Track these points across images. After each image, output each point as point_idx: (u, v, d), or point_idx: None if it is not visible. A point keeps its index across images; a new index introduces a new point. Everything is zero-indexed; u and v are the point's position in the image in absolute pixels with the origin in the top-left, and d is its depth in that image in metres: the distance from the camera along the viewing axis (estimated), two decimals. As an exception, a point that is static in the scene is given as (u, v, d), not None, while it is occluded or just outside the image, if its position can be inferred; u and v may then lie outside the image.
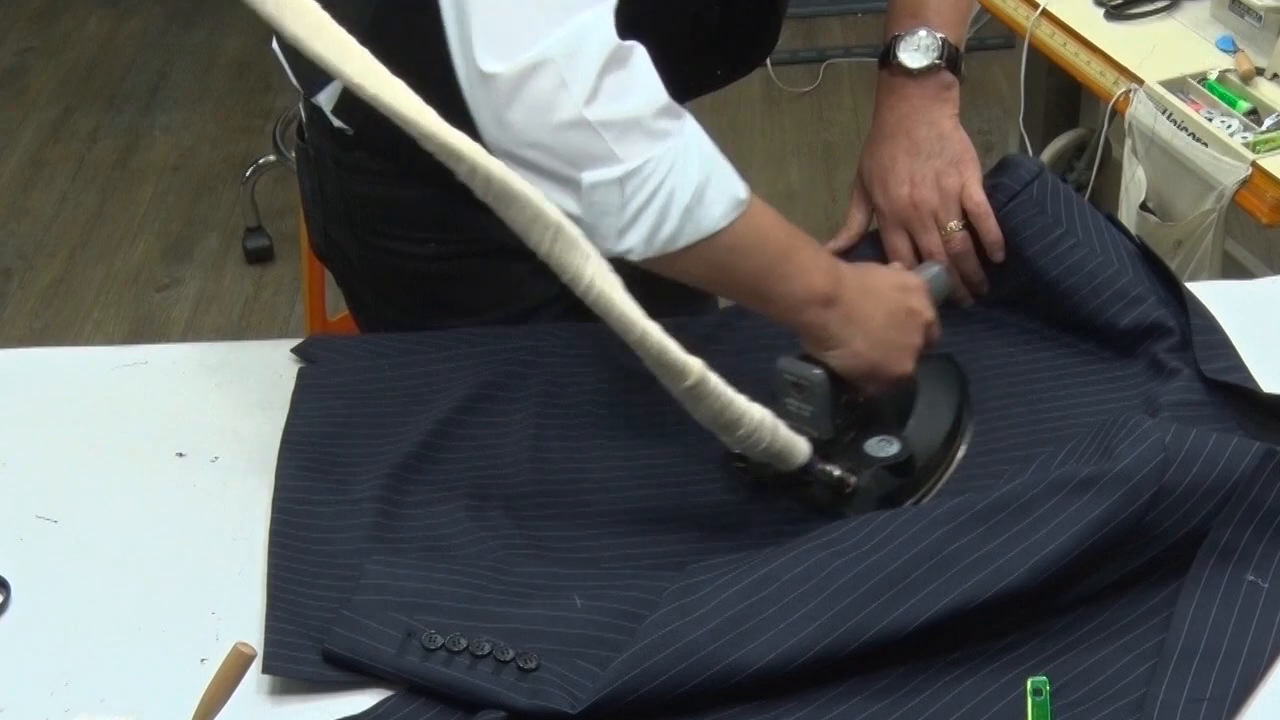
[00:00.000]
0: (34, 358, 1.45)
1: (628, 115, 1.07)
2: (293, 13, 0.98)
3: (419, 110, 0.99)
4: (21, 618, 1.15)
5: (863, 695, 1.05)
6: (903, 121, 1.39)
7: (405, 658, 1.07)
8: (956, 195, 1.36)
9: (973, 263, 1.38)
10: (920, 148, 1.38)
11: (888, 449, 1.22)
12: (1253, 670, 1.05)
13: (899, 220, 1.39)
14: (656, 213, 1.09)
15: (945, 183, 1.36)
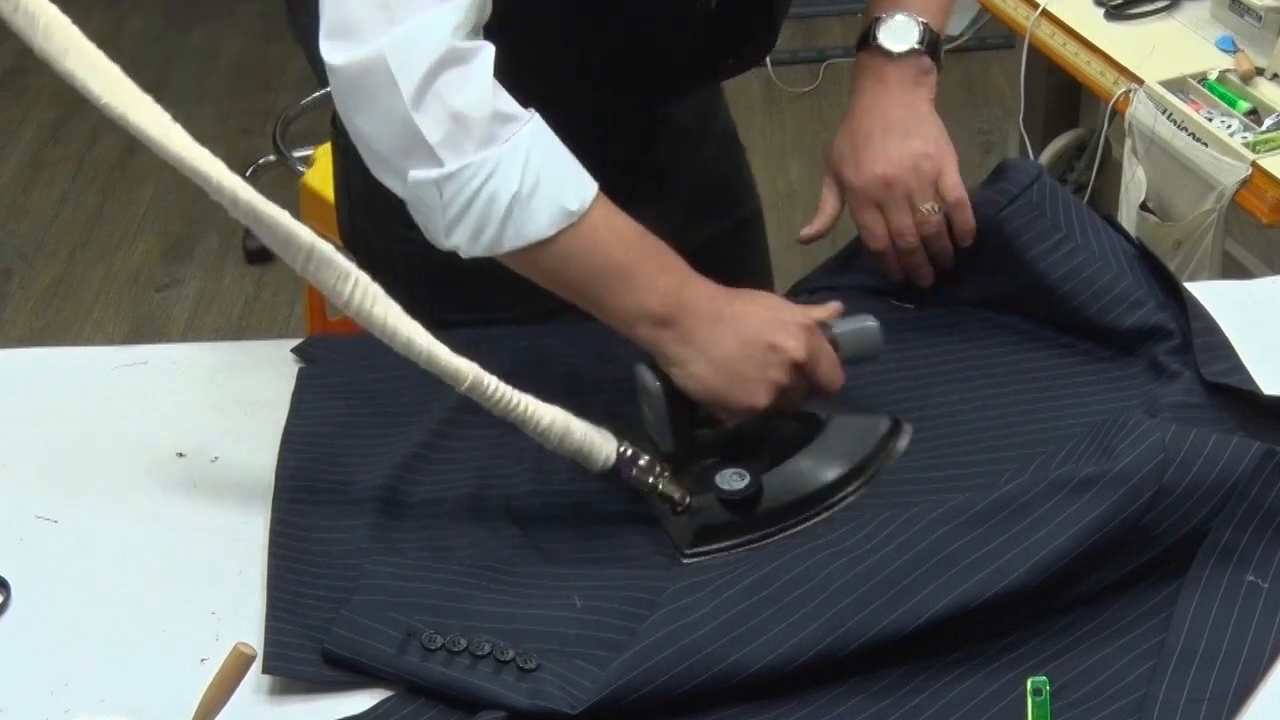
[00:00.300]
0: (34, 358, 1.45)
1: (454, 116, 1.09)
2: (43, 30, 1.00)
3: (165, 131, 1.02)
4: (21, 618, 1.15)
5: (863, 695, 1.05)
6: (879, 101, 1.38)
7: (405, 658, 1.07)
8: (933, 178, 1.35)
9: (944, 243, 1.38)
10: (895, 128, 1.37)
11: (735, 483, 1.20)
12: (1253, 670, 1.05)
13: (871, 197, 1.37)
14: (476, 216, 1.11)
15: (922, 165, 1.35)
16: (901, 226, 1.36)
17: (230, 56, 4.08)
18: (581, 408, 1.19)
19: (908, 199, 1.35)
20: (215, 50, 4.14)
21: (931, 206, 1.35)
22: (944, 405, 1.32)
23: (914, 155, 1.35)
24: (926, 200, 1.35)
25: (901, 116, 1.37)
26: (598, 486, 1.24)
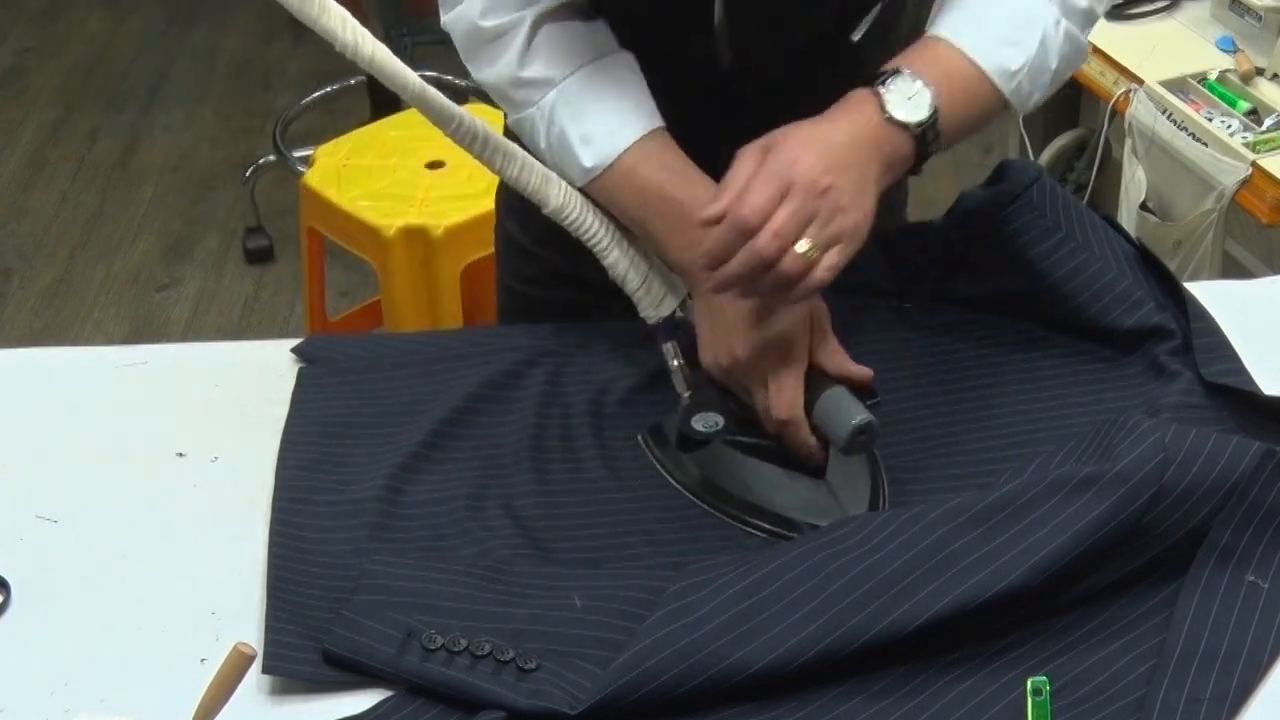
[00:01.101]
0: (34, 358, 1.45)
1: (488, 86, 1.30)
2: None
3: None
4: (21, 618, 1.15)
5: (863, 695, 1.05)
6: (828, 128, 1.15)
7: (405, 658, 1.07)
8: (822, 203, 1.12)
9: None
10: (812, 184, 1.11)
11: (703, 425, 1.22)
12: (1253, 671, 1.05)
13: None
14: (546, 161, 1.27)
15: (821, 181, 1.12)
16: (783, 226, 1.11)
17: (230, 56, 4.08)
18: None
19: (807, 210, 1.11)
20: (215, 50, 4.14)
21: (811, 251, 1.11)
22: (944, 405, 1.32)
23: (846, 194, 1.13)
24: (817, 241, 1.11)
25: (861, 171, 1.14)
26: (598, 486, 1.25)
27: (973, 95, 1.20)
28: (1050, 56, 1.21)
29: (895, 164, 1.16)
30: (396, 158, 2.65)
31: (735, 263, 1.11)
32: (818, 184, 1.10)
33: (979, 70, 1.19)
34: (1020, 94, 1.21)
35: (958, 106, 1.18)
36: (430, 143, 2.61)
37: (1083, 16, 1.24)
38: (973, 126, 1.22)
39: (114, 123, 3.77)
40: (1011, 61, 1.20)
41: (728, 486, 1.24)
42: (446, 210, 2.47)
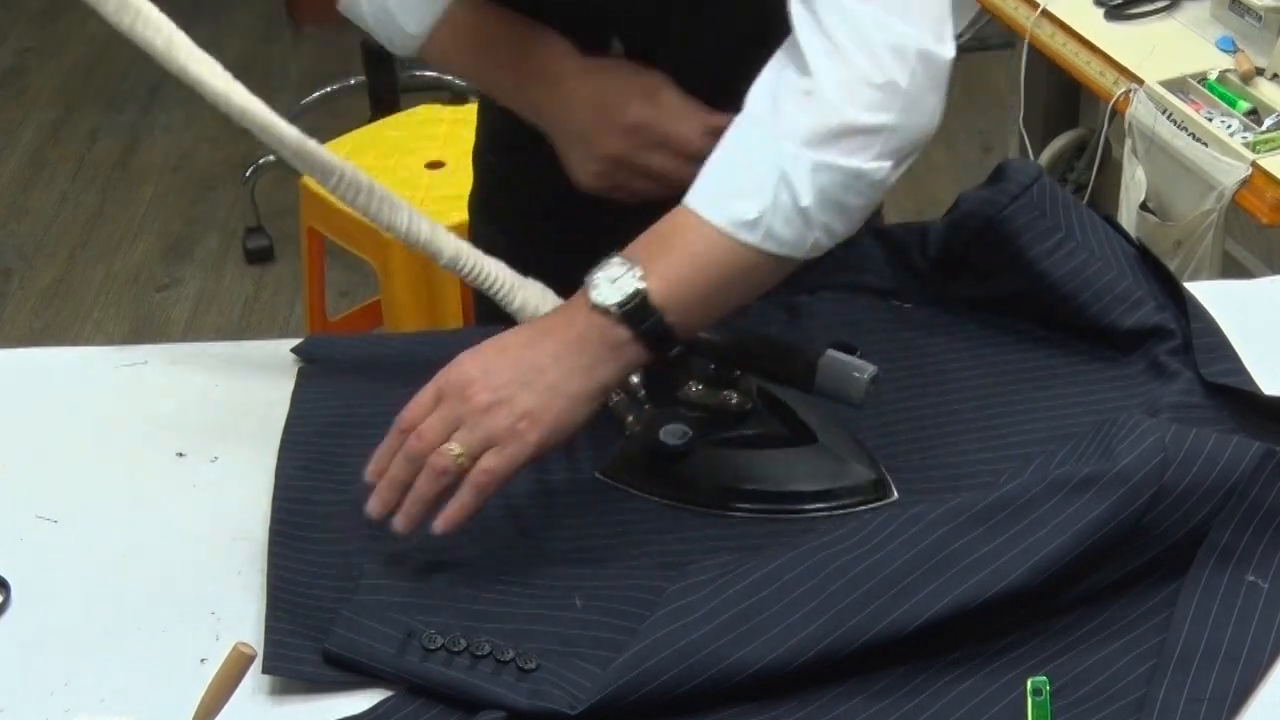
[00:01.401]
0: (34, 358, 1.45)
1: None
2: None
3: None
4: (21, 618, 1.15)
5: (863, 695, 1.05)
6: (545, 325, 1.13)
7: (405, 658, 1.07)
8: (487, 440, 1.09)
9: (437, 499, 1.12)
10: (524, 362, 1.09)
11: (673, 437, 1.22)
12: (1253, 671, 1.05)
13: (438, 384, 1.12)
14: None
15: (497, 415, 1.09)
16: (428, 427, 1.10)
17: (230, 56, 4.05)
18: None
19: (453, 413, 1.10)
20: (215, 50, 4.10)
21: (460, 455, 1.09)
22: (944, 405, 1.32)
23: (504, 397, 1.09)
24: (464, 443, 1.09)
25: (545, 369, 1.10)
26: (598, 485, 1.25)
27: (715, 258, 1.11)
28: (800, 194, 1.08)
29: (609, 352, 1.10)
30: (396, 158, 2.65)
31: (394, 466, 1.11)
32: (466, 389, 1.09)
33: (713, 229, 1.10)
34: (780, 241, 1.10)
35: (698, 275, 1.10)
36: (430, 143, 2.61)
37: (830, 137, 1.08)
38: (737, 288, 1.13)
39: (114, 123, 3.77)
40: (745, 212, 1.09)
41: (725, 483, 1.23)
42: (446, 210, 2.46)
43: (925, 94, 1.11)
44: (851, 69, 1.08)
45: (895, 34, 1.08)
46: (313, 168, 1.14)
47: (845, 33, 1.08)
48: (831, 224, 1.11)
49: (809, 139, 1.08)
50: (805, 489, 1.22)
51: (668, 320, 1.10)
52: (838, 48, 1.08)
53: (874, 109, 1.08)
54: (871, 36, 1.08)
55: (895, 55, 1.08)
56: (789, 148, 1.08)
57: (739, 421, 1.25)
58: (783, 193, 1.09)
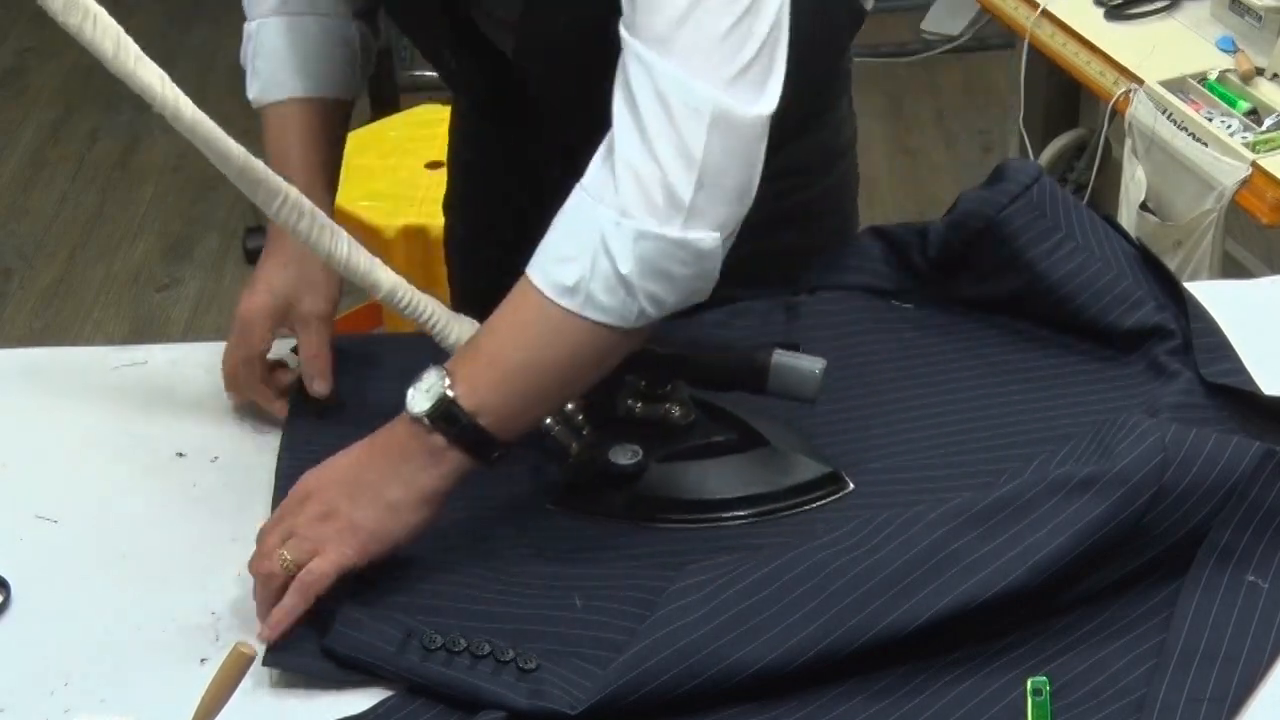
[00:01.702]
0: (34, 358, 1.45)
1: None
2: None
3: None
4: (21, 618, 1.15)
5: (863, 695, 1.05)
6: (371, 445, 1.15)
7: (405, 656, 1.07)
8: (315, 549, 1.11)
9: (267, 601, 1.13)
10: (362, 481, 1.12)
11: (624, 458, 1.21)
12: (1253, 670, 1.05)
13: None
14: None
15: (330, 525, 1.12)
16: (266, 541, 1.13)
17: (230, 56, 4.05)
18: None
19: (287, 527, 1.12)
20: (215, 50, 4.14)
21: (287, 562, 1.10)
22: (943, 405, 1.32)
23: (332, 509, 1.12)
24: (290, 549, 1.11)
25: (372, 480, 1.12)
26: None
27: (538, 333, 1.11)
28: (620, 260, 1.07)
29: (429, 459, 1.11)
30: (396, 158, 2.65)
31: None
32: (301, 505, 1.13)
33: (538, 295, 1.10)
34: (602, 308, 1.09)
35: (511, 373, 1.11)
36: (430, 143, 2.61)
37: (646, 207, 1.07)
38: (562, 368, 1.13)
39: (114, 123, 3.77)
40: (565, 277, 1.09)
41: (685, 496, 1.22)
42: (447, 210, 2.47)
43: (728, 160, 1.07)
44: (654, 137, 1.06)
45: (694, 97, 1.05)
46: (255, 189, 1.12)
47: (646, 97, 1.06)
48: (657, 293, 1.09)
49: (628, 207, 1.07)
50: (764, 491, 1.21)
51: (481, 423, 1.10)
52: (640, 114, 1.07)
53: (680, 180, 1.06)
54: (670, 101, 1.06)
55: (694, 121, 1.06)
56: (609, 214, 1.07)
57: (685, 433, 1.24)
58: (602, 259, 1.08)
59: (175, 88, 1.07)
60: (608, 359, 1.14)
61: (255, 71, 1.37)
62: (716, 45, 1.06)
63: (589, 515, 1.22)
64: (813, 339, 1.36)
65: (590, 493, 1.23)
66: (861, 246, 1.46)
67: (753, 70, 1.07)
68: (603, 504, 1.23)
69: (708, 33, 1.05)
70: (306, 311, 1.33)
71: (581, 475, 1.23)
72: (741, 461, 1.23)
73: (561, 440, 1.24)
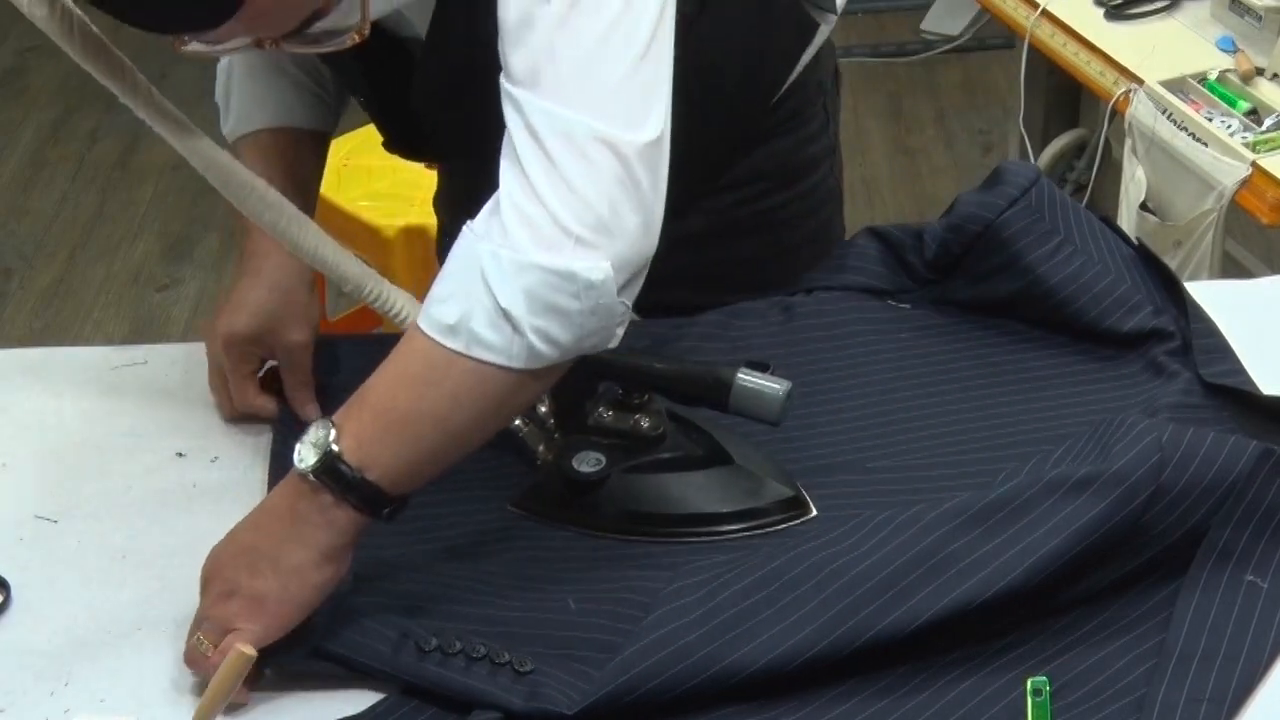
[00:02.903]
0: (34, 358, 1.45)
1: None
2: None
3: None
4: (21, 618, 1.15)
5: (862, 695, 1.05)
6: (271, 505, 1.10)
7: (400, 657, 1.07)
8: (224, 627, 1.07)
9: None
10: (260, 547, 1.08)
11: (587, 465, 1.20)
12: (1252, 670, 1.05)
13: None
14: None
15: (234, 603, 1.07)
16: (190, 627, 1.09)
17: (230, 57, 4.08)
18: None
19: (200, 610, 1.09)
20: (215, 50, 4.14)
21: (204, 645, 1.07)
22: (940, 406, 1.32)
23: (233, 586, 1.07)
24: (203, 632, 1.07)
25: (271, 547, 1.07)
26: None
27: (427, 379, 1.06)
28: (499, 294, 1.02)
29: (323, 518, 1.06)
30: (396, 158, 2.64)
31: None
32: (207, 586, 1.09)
33: (424, 339, 1.06)
34: (487, 345, 1.04)
35: (397, 423, 1.06)
36: (430, 143, 2.60)
37: (529, 239, 1.03)
38: (457, 417, 1.07)
39: (114, 123, 3.77)
40: (447, 315, 1.04)
41: (641, 509, 1.21)
42: (446, 210, 2.47)
43: (614, 188, 1.03)
44: (534, 172, 1.03)
45: (568, 125, 1.03)
46: (225, 182, 1.11)
47: (521, 134, 1.04)
48: (548, 330, 1.04)
49: (511, 240, 1.03)
50: (722, 510, 1.21)
51: (370, 478, 1.05)
52: (517, 152, 1.04)
53: (563, 210, 1.03)
54: (542, 133, 1.03)
55: (570, 149, 1.03)
56: (488, 248, 1.03)
57: (652, 446, 1.23)
58: (482, 293, 1.03)
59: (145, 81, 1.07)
60: (505, 404, 1.08)
61: (229, 107, 1.41)
62: (584, 72, 1.03)
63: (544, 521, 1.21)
64: (810, 339, 1.37)
65: (549, 498, 1.22)
66: (859, 247, 1.46)
67: (626, 94, 1.04)
68: (560, 511, 1.22)
69: (573, 61, 1.03)
70: (291, 342, 1.30)
71: (545, 479, 1.23)
72: (700, 479, 1.22)
73: (530, 443, 1.24)
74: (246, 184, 1.11)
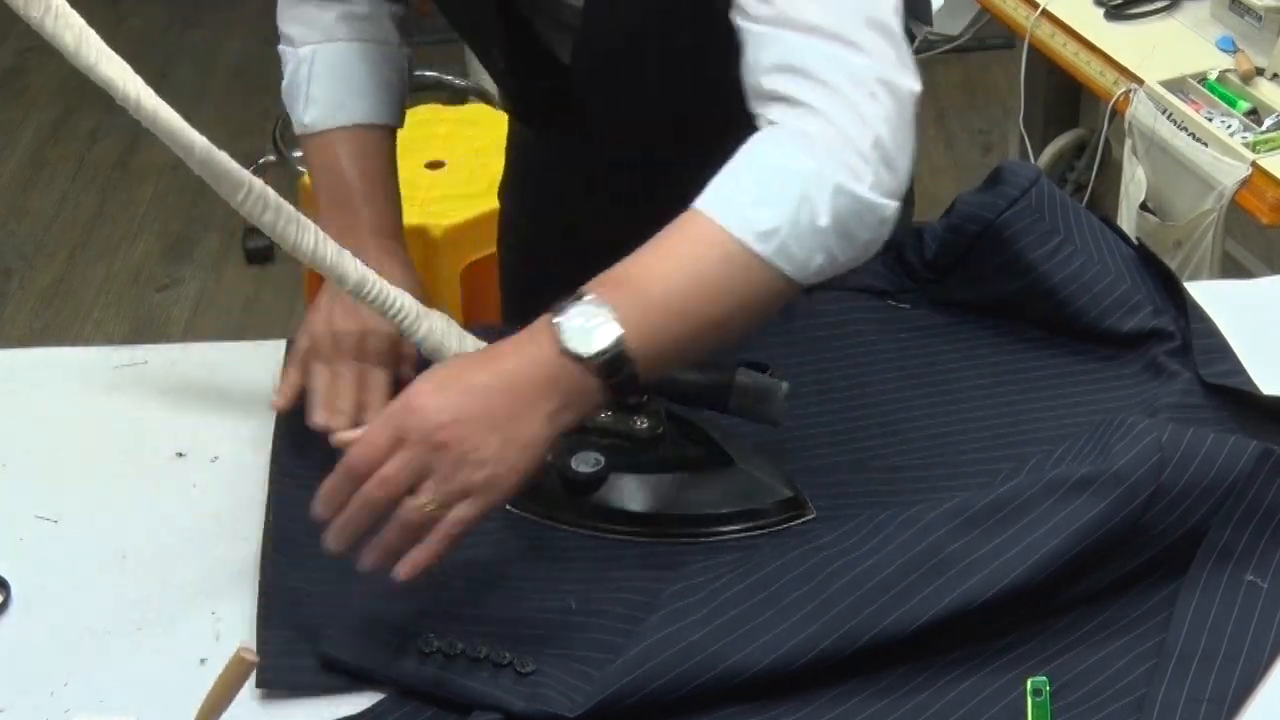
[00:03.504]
0: (34, 358, 1.45)
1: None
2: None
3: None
4: (21, 618, 1.15)
5: (862, 695, 1.05)
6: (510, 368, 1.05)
7: (401, 661, 1.07)
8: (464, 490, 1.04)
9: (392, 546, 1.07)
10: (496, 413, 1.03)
11: (584, 465, 1.20)
12: (1252, 670, 1.05)
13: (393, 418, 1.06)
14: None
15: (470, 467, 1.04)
16: (393, 476, 1.04)
17: (230, 56, 4.08)
18: None
19: (420, 462, 1.03)
20: (215, 50, 4.14)
21: (432, 503, 1.03)
22: (940, 406, 1.32)
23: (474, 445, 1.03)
24: (437, 495, 1.04)
25: (513, 414, 1.04)
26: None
27: (712, 275, 1.06)
28: (818, 214, 1.05)
29: (576, 400, 1.05)
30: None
31: (349, 508, 1.05)
32: (432, 436, 1.02)
33: (726, 236, 1.06)
34: (789, 257, 1.06)
35: (675, 321, 1.06)
36: (430, 143, 2.61)
37: (845, 166, 1.06)
38: (720, 320, 1.08)
39: (114, 123, 3.77)
40: (763, 221, 1.05)
41: (638, 509, 1.21)
42: (446, 210, 2.47)
43: (897, 132, 1.08)
44: (832, 105, 1.06)
45: (860, 70, 1.07)
46: (219, 180, 1.10)
47: (819, 68, 1.07)
48: (837, 253, 1.07)
49: (826, 161, 1.06)
50: (721, 511, 1.20)
51: (637, 370, 1.04)
52: (813, 82, 1.07)
53: (865, 145, 1.06)
54: (835, 77, 1.06)
55: (864, 92, 1.06)
56: (811, 165, 1.05)
57: (651, 446, 1.23)
58: (805, 209, 1.05)
59: (138, 80, 1.07)
60: (768, 312, 1.10)
61: (310, 98, 1.37)
62: (865, 26, 1.07)
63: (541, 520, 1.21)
64: (809, 339, 1.37)
65: (548, 498, 1.22)
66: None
67: (898, 43, 1.09)
68: (559, 510, 1.21)
69: (855, 14, 1.07)
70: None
71: (544, 478, 1.23)
72: (699, 479, 1.22)
73: None
74: (242, 182, 1.11)
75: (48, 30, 1.04)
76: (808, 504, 1.22)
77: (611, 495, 1.21)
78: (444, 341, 1.20)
